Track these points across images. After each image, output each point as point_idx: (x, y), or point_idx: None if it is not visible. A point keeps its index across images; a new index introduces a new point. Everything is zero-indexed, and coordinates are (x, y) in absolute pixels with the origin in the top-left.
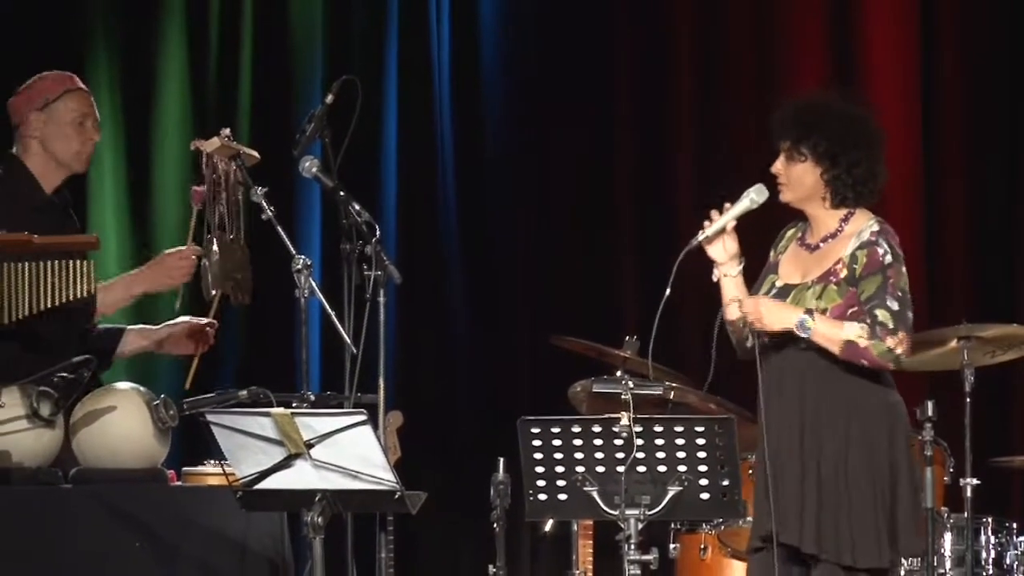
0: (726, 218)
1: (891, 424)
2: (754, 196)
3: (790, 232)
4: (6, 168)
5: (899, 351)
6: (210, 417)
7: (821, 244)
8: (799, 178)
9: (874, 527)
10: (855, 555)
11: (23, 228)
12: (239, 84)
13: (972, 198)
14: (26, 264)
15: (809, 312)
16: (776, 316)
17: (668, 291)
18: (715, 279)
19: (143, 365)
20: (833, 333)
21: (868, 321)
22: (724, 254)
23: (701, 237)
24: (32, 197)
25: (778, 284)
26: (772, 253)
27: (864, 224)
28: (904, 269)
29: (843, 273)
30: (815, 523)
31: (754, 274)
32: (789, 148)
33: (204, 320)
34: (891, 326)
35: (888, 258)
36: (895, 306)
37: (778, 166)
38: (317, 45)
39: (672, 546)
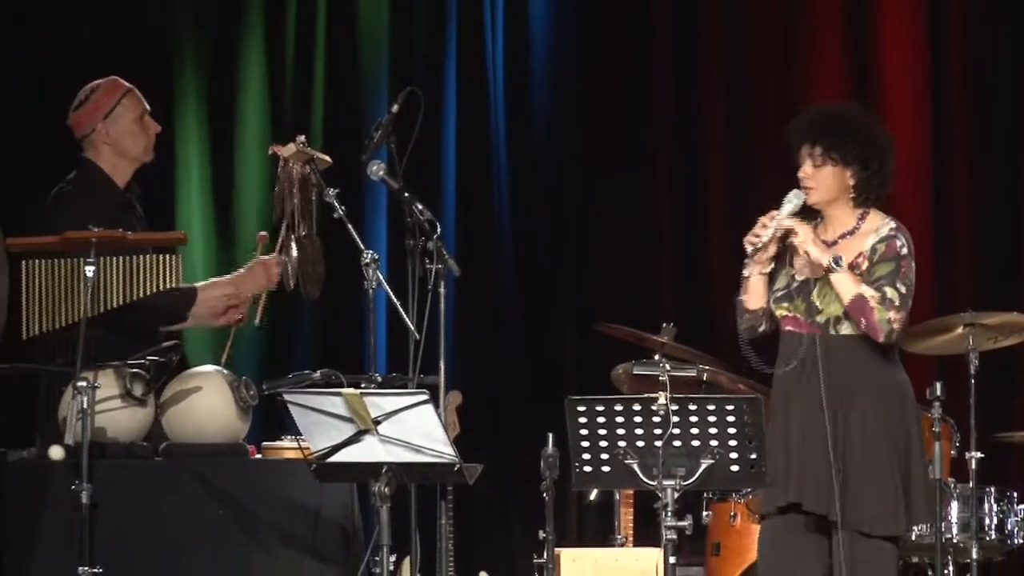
0: (778, 221)
1: (904, 401)
2: (795, 200)
3: None
4: (82, 172)
5: (896, 326)
6: (287, 396)
7: (839, 240)
8: (827, 180)
9: (892, 498)
10: (872, 525)
11: (108, 223)
12: (313, 95)
13: (977, 197)
14: (120, 258)
15: (838, 259)
16: (817, 247)
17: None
18: (746, 275)
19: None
20: (851, 283)
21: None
22: (765, 255)
23: (766, 238)
24: (111, 195)
25: (798, 278)
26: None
27: (881, 222)
28: (914, 265)
29: (865, 265)
30: (839, 493)
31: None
32: (821, 153)
33: (271, 257)
34: (897, 303)
35: (904, 250)
36: (903, 289)
37: (807, 170)
38: (383, 59)
39: (705, 513)
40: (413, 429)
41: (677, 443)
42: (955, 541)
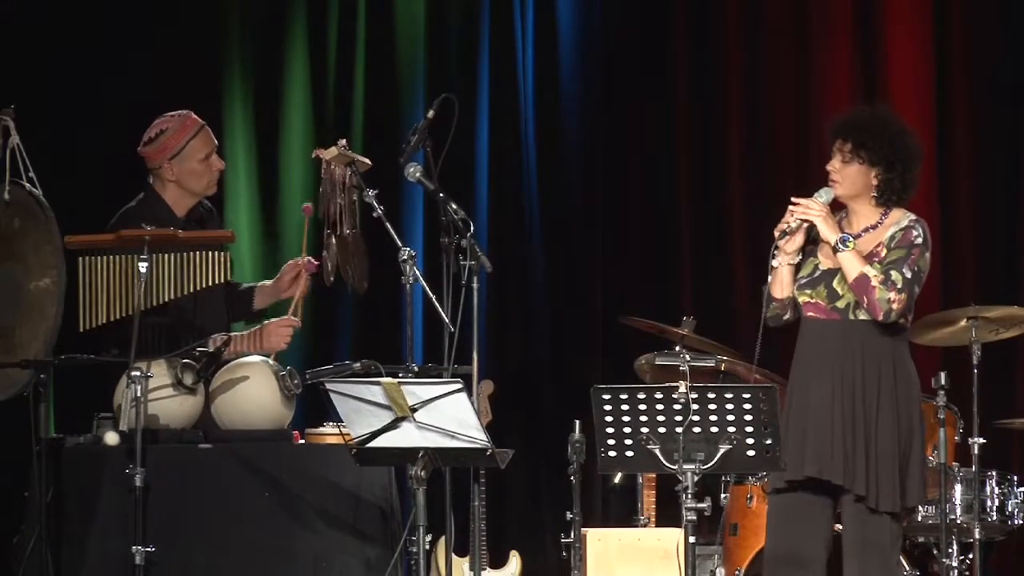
0: (804, 209)
1: (911, 391)
2: (824, 196)
3: None
4: (146, 196)
5: (895, 307)
6: (329, 385)
7: (863, 234)
8: (852, 176)
9: (892, 477)
10: (878, 500)
11: None
12: (353, 101)
13: (980, 197)
14: (172, 255)
15: (846, 239)
16: (827, 226)
17: (769, 282)
18: (775, 265)
19: None
20: (857, 263)
21: (883, 274)
22: (793, 246)
23: (794, 224)
24: (168, 221)
25: (821, 267)
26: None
27: (903, 216)
28: (928, 256)
29: (883, 253)
30: (855, 467)
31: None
32: (851, 150)
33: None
34: (899, 286)
35: (918, 240)
36: (908, 274)
37: (835, 164)
38: (420, 68)
39: (723, 495)
40: (448, 416)
41: (697, 429)
42: (959, 522)
